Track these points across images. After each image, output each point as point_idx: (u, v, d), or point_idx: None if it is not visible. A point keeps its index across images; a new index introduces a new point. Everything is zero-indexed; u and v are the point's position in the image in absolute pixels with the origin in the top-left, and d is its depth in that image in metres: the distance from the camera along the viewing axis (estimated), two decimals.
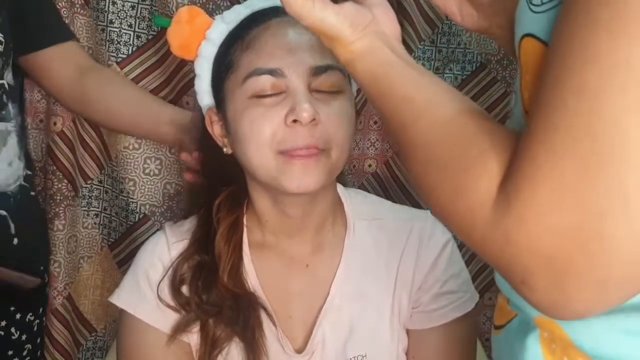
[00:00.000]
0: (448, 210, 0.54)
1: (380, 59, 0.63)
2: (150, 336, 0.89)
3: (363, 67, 0.64)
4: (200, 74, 0.91)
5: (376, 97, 0.64)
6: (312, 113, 0.79)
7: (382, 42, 0.64)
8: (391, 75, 0.62)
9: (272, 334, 0.89)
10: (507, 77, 1.26)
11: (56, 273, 1.27)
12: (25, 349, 1.10)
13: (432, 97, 0.59)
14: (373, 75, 0.63)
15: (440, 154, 0.55)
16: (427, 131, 0.57)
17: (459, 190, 0.52)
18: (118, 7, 1.19)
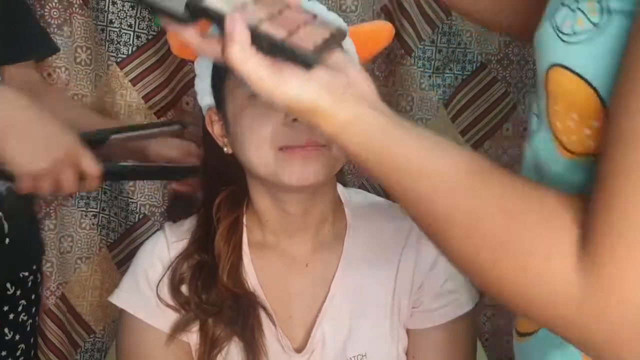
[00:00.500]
0: (515, 293, 0.50)
1: (371, 126, 0.56)
2: (149, 336, 0.88)
3: (354, 140, 0.57)
4: (200, 74, 0.91)
5: (377, 170, 0.58)
6: None
7: (368, 107, 0.57)
8: (390, 143, 0.56)
9: (271, 334, 0.89)
10: (507, 77, 1.26)
11: (48, 273, 1.27)
12: (19, 349, 1.10)
13: (444, 163, 0.56)
14: (368, 147, 0.57)
15: (485, 231, 0.51)
16: (455, 205, 0.54)
17: (527, 272, 0.48)
18: (118, 7, 1.19)
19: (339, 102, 0.56)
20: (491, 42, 1.24)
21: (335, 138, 0.58)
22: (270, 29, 0.56)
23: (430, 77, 1.24)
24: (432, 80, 1.25)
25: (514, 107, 1.27)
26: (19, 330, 1.09)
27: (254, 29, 0.55)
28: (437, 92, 1.25)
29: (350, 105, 0.56)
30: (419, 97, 1.25)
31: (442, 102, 1.26)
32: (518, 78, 1.26)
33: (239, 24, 0.54)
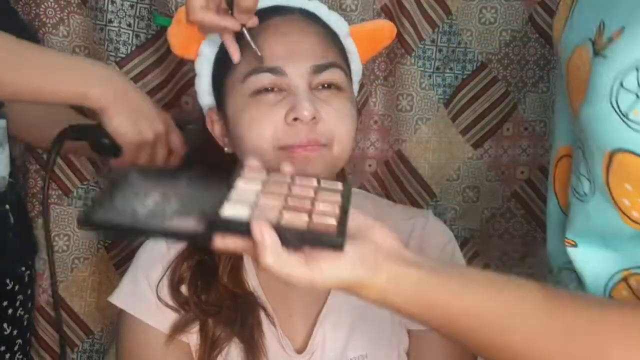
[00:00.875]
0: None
1: (410, 285, 0.60)
2: (149, 336, 0.88)
3: (397, 300, 0.60)
4: (200, 74, 0.91)
5: (430, 321, 0.61)
6: (313, 111, 0.79)
7: (402, 265, 0.60)
8: (432, 297, 0.60)
9: (272, 334, 0.89)
10: (507, 76, 1.26)
11: (41, 271, 1.27)
12: (17, 344, 1.10)
13: (491, 301, 0.59)
14: (413, 303, 0.60)
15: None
16: (530, 339, 0.58)
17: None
18: (117, 6, 1.19)
19: (374, 271, 0.59)
20: (491, 41, 1.24)
21: (380, 303, 0.61)
22: (291, 219, 0.59)
23: (431, 77, 1.24)
24: (433, 80, 1.24)
25: (514, 107, 1.27)
26: (16, 325, 1.09)
27: (277, 227, 0.57)
28: (437, 91, 1.25)
29: (385, 270, 0.59)
30: (419, 96, 1.24)
31: (442, 101, 1.26)
32: (518, 78, 1.26)
33: (266, 231, 0.57)
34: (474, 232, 1.33)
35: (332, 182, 0.68)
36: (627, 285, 0.63)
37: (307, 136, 0.80)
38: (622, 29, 0.56)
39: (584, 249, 0.67)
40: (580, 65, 0.63)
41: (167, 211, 0.62)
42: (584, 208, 0.65)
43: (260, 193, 0.63)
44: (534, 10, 1.22)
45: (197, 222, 0.59)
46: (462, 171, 1.30)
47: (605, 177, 0.59)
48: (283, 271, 0.58)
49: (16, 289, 1.08)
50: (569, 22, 0.70)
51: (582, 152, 0.64)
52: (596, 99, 0.57)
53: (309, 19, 0.89)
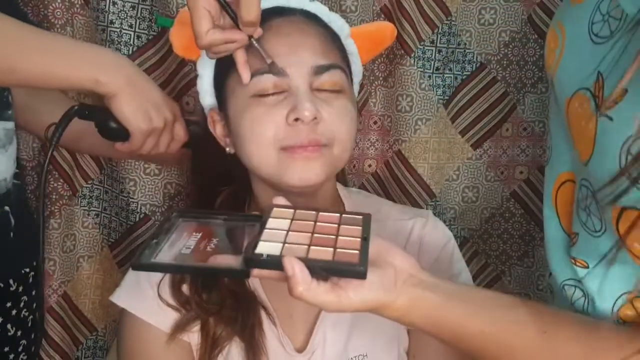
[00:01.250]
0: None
1: (427, 306, 0.68)
2: (150, 335, 0.89)
3: (416, 320, 0.68)
4: (202, 74, 0.91)
5: (445, 338, 0.70)
6: (314, 112, 0.80)
7: (419, 288, 0.68)
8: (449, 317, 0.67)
9: (272, 333, 0.89)
10: (507, 77, 1.26)
11: (51, 271, 1.28)
12: (21, 345, 1.10)
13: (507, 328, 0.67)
14: (431, 323, 0.68)
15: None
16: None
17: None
18: (118, 8, 1.19)
19: (394, 294, 0.67)
20: (491, 42, 1.24)
21: (400, 321, 0.69)
22: (318, 253, 0.67)
23: (430, 77, 1.25)
24: (432, 81, 1.25)
25: (513, 107, 1.28)
26: (20, 326, 1.09)
27: (306, 260, 0.65)
28: (436, 92, 1.26)
29: (405, 293, 0.67)
30: (419, 97, 1.25)
31: (441, 102, 1.26)
32: (518, 78, 1.26)
33: (297, 266, 0.63)
34: (473, 232, 1.34)
35: (352, 216, 0.75)
36: (632, 306, 0.66)
37: (307, 136, 0.81)
38: (625, 91, 0.58)
39: (595, 270, 0.70)
40: (582, 115, 0.65)
41: (209, 250, 0.71)
42: (595, 242, 0.68)
43: (288, 232, 0.71)
44: (532, 11, 1.22)
45: (236, 261, 0.68)
46: (461, 171, 1.30)
47: (615, 225, 0.63)
48: (314, 300, 0.64)
49: (20, 290, 1.08)
50: (561, 63, 0.72)
51: (592, 193, 0.67)
52: (606, 160, 0.60)
53: (310, 19, 0.89)
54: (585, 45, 0.67)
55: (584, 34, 0.67)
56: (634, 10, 0.59)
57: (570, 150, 0.70)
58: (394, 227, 0.95)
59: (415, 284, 0.68)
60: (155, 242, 0.72)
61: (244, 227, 0.76)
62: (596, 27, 0.66)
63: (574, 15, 0.71)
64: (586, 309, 0.71)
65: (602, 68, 0.62)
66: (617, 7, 0.62)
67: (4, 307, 1.06)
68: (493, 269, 1.36)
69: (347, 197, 0.97)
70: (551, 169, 0.79)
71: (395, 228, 0.95)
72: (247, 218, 0.78)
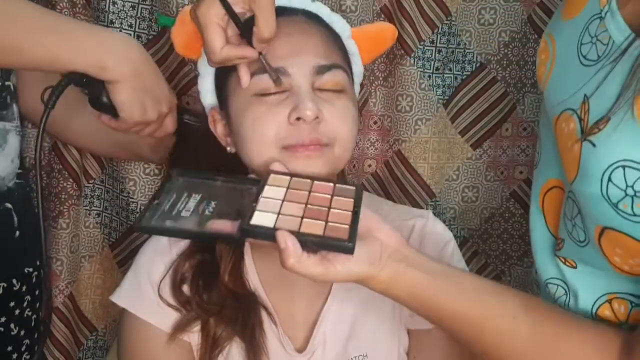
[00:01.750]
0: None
1: (412, 281, 0.71)
2: (151, 335, 0.89)
3: (397, 292, 0.71)
4: (203, 74, 0.91)
5: (425, 315, 0.73)
6: (316, 111, 0.80)
7: (403, 264, 0.71)
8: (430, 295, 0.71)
9: (273, 334, 0.89)
10: (506, 77, 1.26)
11: (58, 272, 1.27)
12: (24, 344, 1.10)
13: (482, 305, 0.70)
14: (413, 299, 0.71)
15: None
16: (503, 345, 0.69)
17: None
18: (118, 7, 1.19)
19: (379, 267, 0.70)
20: (491, 42, 1.24)
21: (384, 294, 0.72)
22: (310, 227, 0.70)
23: (430, 77, 1.25)
24: (432, 81, 1.25)
25: (513, 107, 1.28)
26: (24, 326, 1.09)
27: (298, 234, 0.68)
28: (436, 92, 1.26)
29: (389, 267, 0.70)
30: (419, 97, 1.25)
31: (441, 102, 1.27)
32: (517, 78, 1.26)
33: (289, 240, 0.67)
34: (473, 232, 1.34)
35: (345, 187, 0.78)
36: (610, 306, 0.69)
37: (309, 135, 0.81)
38: (607, 119, 0.60)
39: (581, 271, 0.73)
40: (568, 135, 0.66)
41: (207, 214, 0.74)
42: (580, 250, 0.70)
43: (283, 201, 0.74)
44: (532, 11, 1.22)
45: (232, 228, 0.71)
46: (461, 171, 1.31)
47: (597, 241, 0.65)
48: (303, 271, 0.68)
49: (23, 290, 1.08)
50: (550, 79, 0.73)
51: (578, 208, 0.69)
52: (588, 183, 0.62)
53: (312, 20, 0.89)
54: (573, 65, 0.68)
55: (573, 53, 0.68)
56: (620, 38, 0.61)
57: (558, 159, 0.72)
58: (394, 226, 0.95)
59: (400, 259, 0.71)
60: (157, 203, 0.75)
61: (241, 191, 0.79)
62: (585, 49, 0.67)
63: (564, 31, 0.72)
64: (567, 305, 0.74)
65: (588, 91, 0.64)
66: (604, 32, 0.64)
67: (8, 306, 1.06)
68: (493, 269, 1.36)
69: None
70: (540, 173, 0.81)
71: (396, 228, 0.94)
72: (244, 181, 0.81)
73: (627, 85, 0.58)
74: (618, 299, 0.68)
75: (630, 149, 0.58)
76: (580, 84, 0.65)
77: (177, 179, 0.80)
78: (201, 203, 0.76)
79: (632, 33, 0.60)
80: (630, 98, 0.57)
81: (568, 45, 0.70)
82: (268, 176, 0.77)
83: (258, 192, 0.75)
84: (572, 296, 0.73)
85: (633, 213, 0.59)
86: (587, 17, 0.67)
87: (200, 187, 0.79)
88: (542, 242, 0.79)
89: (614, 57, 0.61)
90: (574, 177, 0.65)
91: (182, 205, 0.76)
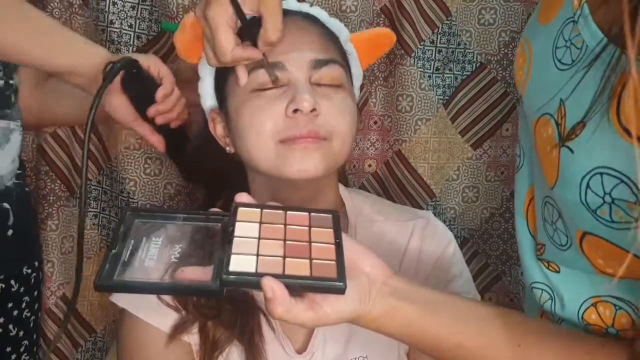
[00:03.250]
0: None
1: (402, 315, 0.66)
2: (150, 335, 0.88)
3: (391, 329, 0.67)
4: (203, 77, 0.91)
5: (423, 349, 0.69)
6: (313, 103, 0.80)
7: (394, 298, 0.66)
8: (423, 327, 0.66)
9: (272, 335, 0.89)
10: (507, 77, 1.26)
11: (49, 273, 1.27)
12: (22, 346, 1.11)
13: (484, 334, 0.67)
14: (405, 332, 0.67)
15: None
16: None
17: None
18: (118, 8, 1.19)
19: (369, 304, 0.65)
20: (491, 42, 1.24)
21: (377, 331, 0.67)
22: (295, 268, 0.63)
23: (430, 77, 1.25)
24: (432, 81, 1.25)
25: (513, 107, 1.28)
26: (23, 327, 1.10)
27: (283, 279, 0.62)
28: (436, 92, 1.26)
29: (379, 303, 0.66)
30: (419, 97, 1.25)
31: (441, 102, 1.26)
32: None
33: (277, 287, 0.61)
34: (473, 232, 1.34)
35: (321, 215, 0.71)
36: (596, 310, 0.68)
37: (306, 127, 0.81)
38: (583, 124, 0.59)
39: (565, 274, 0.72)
40: (547, 140, 0.66)
41: (173, 261, 0.65)
42: (562, 253, 0.70)
43: (260, 240, 0.67)
44: (532, 11, 1.22)
45: (206, 276, 0.63)
46: (461, 171, 1.30)
47: (579, 244, 0.64)
48: (293, 320, 0.63)
49: (22, 291, 1.09)
50: (528, 84, 0.73)
51: (558, 212, 0.68)
52: (568, 188, 0.61)
53: (310, 20, 0.90)
54: (549, 69, 0.67)
55: (549, 57, 0.68)
56: (593, 43, 0.61)
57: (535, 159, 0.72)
58: (395, 227, 0.95)
59: (390, 292, 0.66)
60: (114, 254, 0.65)
61: (206, 229, 0.70)
62: (559, 52, 0.66)
63: (541, 35, 0.72)
64: (554, 310, 0.72)
65: (563, 95, 0.63)
66: (578, 36, 0.63)
67: (6, 307, 1.06)
68: (493, 269, 1.36)
69: (348, 198, 0.97)
70: (522, 177, 0.80)
71: (396, 229, 0.95)
72: (207, 217, 0.72)
73: (601, 90, 0.57)
74: (603, 302, 0.67)
75: (606, 155, 0.57)
76: (555, 88, 0.65)
77: (131, 221, 0.70)
78: (164, 248, 0.67)
79: (604, 38, 0.59)
80: (605, 104, 0.57)
81: (544, 49, 0.69)
82: (235, 210, 0.70)
83: (226, 230, 0.67)
84: (558, 301, 0.71)
85: (611, 220, 0.58)
86: (562, 21, 0.67)
87: (160, 228, 0.70)
88: (526, 246, 0.78)
89: (588, 62, 0.60)
90: (554, 182, 0.64)
91: (143, 253, 0.66)
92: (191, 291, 0.70)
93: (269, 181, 0.87)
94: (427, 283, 0.91)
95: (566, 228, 0.67)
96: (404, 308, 0.66)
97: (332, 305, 0.63)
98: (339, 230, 0.69)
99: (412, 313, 0.66)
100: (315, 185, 0.87)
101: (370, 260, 0.68)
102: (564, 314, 0.71)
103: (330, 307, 0.63)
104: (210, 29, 0.79)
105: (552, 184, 0.65)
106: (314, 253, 0.66)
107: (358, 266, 0.67)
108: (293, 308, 0.62)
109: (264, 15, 0.79)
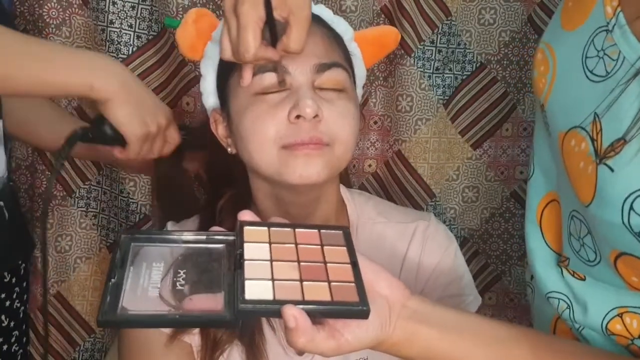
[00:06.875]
0: None
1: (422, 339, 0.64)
2: (151, 336, 0.88)
3: (410, 353, 0.65)
4: (205, 75, 0.91)
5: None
6: (315, 109, 0.79)
7: (413, 321, 0.64)
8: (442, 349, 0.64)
9: (273, 336, 0.89)
10: (507, 77, 1.26)
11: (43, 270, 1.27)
12: (13, 336, 1.12)
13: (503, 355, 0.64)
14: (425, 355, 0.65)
15: None
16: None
17: None
18: (118, 8, 1.19)
19: (390, 330, 0.63)
20: (491, 42, 1.24)
21: (397, 355, 0.65)
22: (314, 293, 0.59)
23: (430, 77, 1.25)
24: (432, 81, 1.25)
25: (513, 107, 1.28)
26: (14, 317, 1.11)
27: (305, 304, 0.58)
28: (436, 92, 1.26)
29: (399, 328, 0.63)
30: (419, 97, 1.25)
31: (441, 102, 1.26)
32: (518, 78, 1.26)
33: (300, 316, 0.57)
34: (473, 232, 1.34)
35: (331, 232, 0.68)
36: (621, 320, 0.66)
37: (309, 133, 0.80)
38: (623, 141, 0.56)
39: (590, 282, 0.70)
40: (579, 156, 0.63)
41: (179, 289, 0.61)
42: (589, 268, 0.68)
43: (272, 262, 0.63)
44: (532, 11, 1.22)
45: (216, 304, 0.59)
46: (461, 171, 1.31)
47: (613, 263, 0.62)
48: (313, 349, 0.60)
49: (13, 281, 1.09)
50: (553, 93, 0.70)
51: (587, 228, 0.66)
52: (607, 208, 0.59)
53: (314, 20, 0.89)
54: (580, 80, 0.65)
55: (578, 67, 0.65)
56: (634, 57, 0.58)
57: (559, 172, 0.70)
58: (396, 229, 0.95)
59: (410, 316, 0.64)
60: (115, 283, 0.60)
61: (209, 251, 0.65)
62: (591, 63, 0.64)
63: (566, 42, 0.69)
64: (573, 317, 0.71)
65: (599, 110, 0.61)
66: (613, 46, 0.61)
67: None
68: (493, 269, 1.36)
69: (350, 200, 0.96)
70: (536, 185, 0.78)
71: (398, 230, 0.95)
72: (208, 238, 0.67)
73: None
74: (630, 313, 0.65)
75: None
76: (588, 100, 0.62)
77: (128, 245, 0.65)
78: (167, 274, 0.62)
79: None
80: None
81: (571, 57, 0.66)
82: (241, 230, 0.65)
83: (233, 252, 0.63)
84: (581, 308, 0.69)
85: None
86: (592, 29, 0.64)
87: (160, 252, 0.65)
88: (542, 255, 0.76)
89: (628, 76, 0.57)
90: (590, 201, 0.61)
91: (145, 281, 0.61)
92: (203, 323, 0.65)
93: (271, 183, 0.87)
94: (429, 285, 0.91)
95: (595, 245, 0.65)
96: (424, 332, 0.64)
97: (354, 332, 0.61)
98: (352, 249, 0.65)
99: (432, 337, 0.64)
100: (318, 189, 0.87)
101: (387, 281, 0.65)
102: (585, 321, 0.69)
103: (352, 334, 0.61)
104: (239, 24, 0.78)
105: (588, 202, 0.62)
106: (331, 275, 0.62)
107: (375, 288, 0.64)
108: (315, 337, 0.59)
109: (292, 25, 0.77)
